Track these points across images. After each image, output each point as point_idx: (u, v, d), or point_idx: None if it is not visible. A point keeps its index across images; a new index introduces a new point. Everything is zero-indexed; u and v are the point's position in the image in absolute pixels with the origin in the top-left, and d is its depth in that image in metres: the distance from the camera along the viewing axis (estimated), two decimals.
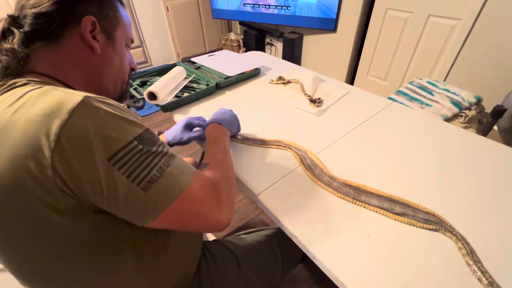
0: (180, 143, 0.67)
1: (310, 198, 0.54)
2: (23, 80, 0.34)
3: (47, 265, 0.34)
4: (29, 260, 0.33)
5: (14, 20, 0.37)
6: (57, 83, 0.38)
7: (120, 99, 0.51)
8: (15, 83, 0.33)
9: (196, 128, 0.70)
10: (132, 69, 0.53)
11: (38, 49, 0.37)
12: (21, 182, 0.28)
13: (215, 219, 0.38)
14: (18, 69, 0.35)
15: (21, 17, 0.37)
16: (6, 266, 0.35)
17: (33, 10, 0.36)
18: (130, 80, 0.95)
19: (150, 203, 0.32)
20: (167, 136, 0.68)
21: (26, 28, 0.36)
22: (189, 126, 0.68)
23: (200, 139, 0.70)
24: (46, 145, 0.28)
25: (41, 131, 0.28)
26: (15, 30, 0.36)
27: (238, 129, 0.69)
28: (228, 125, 0.60)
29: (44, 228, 0.30)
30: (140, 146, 0.32)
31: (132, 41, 0.50)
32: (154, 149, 0.34)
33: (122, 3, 0.47)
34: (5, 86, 0.33)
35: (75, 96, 0.30)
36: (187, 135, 0.67)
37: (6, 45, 0.35)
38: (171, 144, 0.67)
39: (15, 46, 0.35)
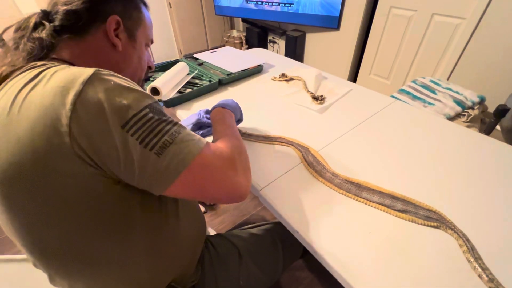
0: None
1: (311, 194, 0.54)
2: (42, 62, 0.36)
3: (63, 238, 0.34)
4: (45, 232, 0.34)
5: (46, 15, 0.40)
6: None
7: None
8: (34, 65, 0.35)
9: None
10: (149, 68, 0.55)
11: (64, 40, 0.40)
12: (40, 150, 0.29)
13: (233, 184, 0.39)
14: (41, 55, 0.37)
15: (53, 12, 0.40)
16: (20, 240, 0.36)
17: (65, 7, 0.39)
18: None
19: (164, 168, 0.33)
20: None
21: (56, 22, 0.39)
22: (198, 124, 0.70)
23: (208, 136, 0.71)
24: (63, 114, 0.29)
25: (58, 101, 0.29)
26: (46, 23, 0.39)
27: (241, 117, 0.69)
28: (232, 109, 0.61)
29: (62, 196, 0.31)
30: (151, 114, 0.33)
31: (152, 42, 0.53)
32: (164, 118, 0.35)
33: (145, 5, 0.49)
34: (25, 67, 0.35)
35: (87, 70, 0.32)
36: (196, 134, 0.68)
37: (35, 35, 0.38)
38: None
39: (43, 36, 0.38)
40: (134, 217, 0.38)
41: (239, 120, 0.69)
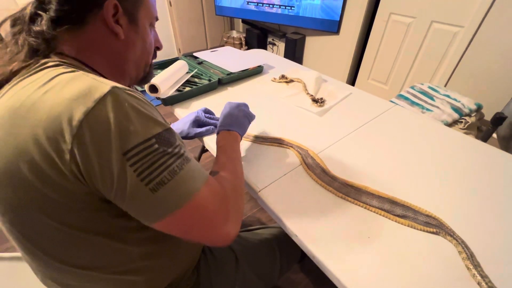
0: (186, 138, 0.67)
1: (310, 197, 0.54)
2: (54, 60, 0.34)
3: (55, 243, 0.34)
4: (35, 235, 0.34)
5: (41, 4, 0.37)
6: (84, 66, 0.38)
7: (143, 81, 0.51)
8: (46, 62, 0.34)
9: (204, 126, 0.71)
10: (157, 48, 0.52)
11: (65, 32, 0.37)
12: (36, 161, 0.28)
13: (220, 231, 0.37)
14: (47, 50, 0.36)
15: (46, 1, 0.37)
16: (16, 242, 0.35)
17: None
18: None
19: (156, 205, 0.32)
20: (173, 129, 0.68)
21: (51, 13, 0.36)
22: (196, 122, 0.69)
23: (207, 135, 0.70)
24: (67, 129, 0.28)
25: (65, 115, 0.28)
26: (43, 14, 0.36)
27: (251, 119, 0.63)
28: (239, 127, 0.57)
29: (49, 207, 0.31)
30: (156, 146, 0.32)
31: (157, 19, 0.49)
32: (170, 150, 0.33)
33: None
34: (36, 65, 0.33)
35: (103, 85, 0.31)
36: (193, 131, 0.67)
37: (36, 28, 0.35)
38: None
39: (44, 28, 0.35)
40: (128, 228, 0.37)
41: (251, 120, 0.63)
